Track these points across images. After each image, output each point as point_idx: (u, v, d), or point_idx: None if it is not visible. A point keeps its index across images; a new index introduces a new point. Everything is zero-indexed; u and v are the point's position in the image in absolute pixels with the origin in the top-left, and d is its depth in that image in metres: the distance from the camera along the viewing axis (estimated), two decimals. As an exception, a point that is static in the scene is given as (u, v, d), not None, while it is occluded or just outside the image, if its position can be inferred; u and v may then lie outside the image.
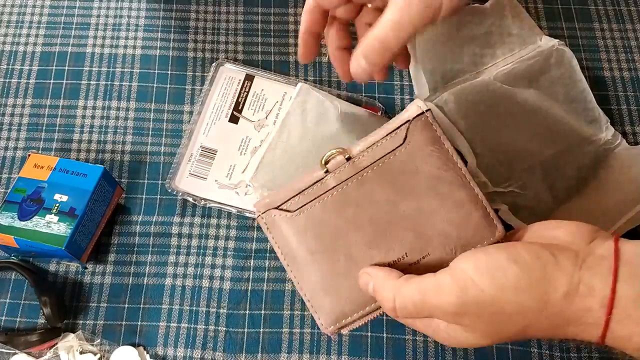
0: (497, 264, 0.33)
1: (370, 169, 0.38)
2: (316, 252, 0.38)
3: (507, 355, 0.53)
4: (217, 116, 0.61)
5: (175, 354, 0.53)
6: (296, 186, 0.39)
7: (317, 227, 0.38)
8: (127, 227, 0.58)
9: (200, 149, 0.59)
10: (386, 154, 0.38)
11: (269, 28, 0.67)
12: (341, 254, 0.38)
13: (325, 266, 0.38)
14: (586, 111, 0.58)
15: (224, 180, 0.58)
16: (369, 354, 0.53)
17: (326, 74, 0.64)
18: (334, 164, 0.39)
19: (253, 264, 0.56)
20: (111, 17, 0.67)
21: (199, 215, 0.58)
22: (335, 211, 0.38)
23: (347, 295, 0.38)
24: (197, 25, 0.67)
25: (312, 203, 0.39)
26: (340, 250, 0.38)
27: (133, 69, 0.65)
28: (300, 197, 0.39)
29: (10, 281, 0.56)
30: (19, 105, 0.63)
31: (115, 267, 0.56)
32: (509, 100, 0.56)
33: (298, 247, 0.39)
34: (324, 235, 0.38)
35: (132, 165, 0.60)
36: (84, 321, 0.54)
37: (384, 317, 0.54)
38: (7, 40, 0.66)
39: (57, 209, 0.53)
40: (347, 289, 0.38)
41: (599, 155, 0.57)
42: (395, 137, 0.39)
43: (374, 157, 0.39)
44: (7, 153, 0.61)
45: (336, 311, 0.38)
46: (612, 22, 0.67)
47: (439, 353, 0.53)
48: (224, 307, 0.55)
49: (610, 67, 0.65)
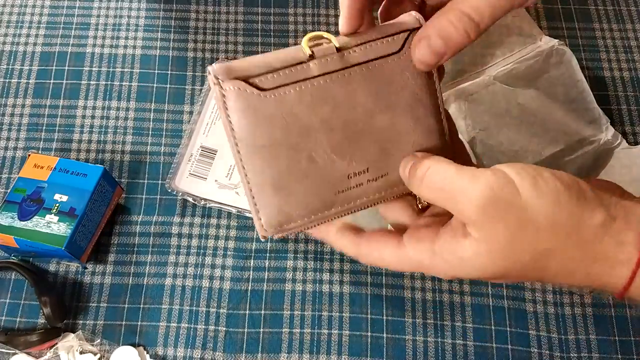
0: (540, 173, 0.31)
1: (359, 69, 0.34)
2: (278, 144, 0.33)
3: (507, 355, 0.53)
4: (217, 116, 0.61)
5: (175, 354, 0.53)
6: (270, 61, 0.33)
7: (287, 116, 0.33)
8: (127, 227, 0.58)
9: (200, 149, 0.59)
10: (379, 57, 0.34)
11: (269, 28, 0.67)
12: (304, 154, 0.33)
13: (283, 162, 0.33)
14: (586, 111, 0.58)
15: (224, 180, 0.58)
16: (369, 354, 0.53)
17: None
18: (321, 50, 0.33)
19: (253, 264, 0.56)
20: (111, 17, 0.67)
21: (199, 215, 0.58)
22: (311, 105, 0.33)
23: (299, 198, 0.34)
24: (197, 25, 0.67)
25: (287, 87, 0.32)
26: (304, 149, 0.33)
27: (133, 69, 0.65)
28: (275, 75, 0.32)
29: (10, 281, 0.56)
30: (19, 105, 0.63)
31: (115, 267, 0.56)
32: (509, 100, 0.56)
33: (258, 135, 0.33)
34: (292, 129, 0.33)
35: (132, 165, 0.60)
36: (84, 321, 0.54)
37: (383, 317, 0.54)
38: (7, 40, 0.66)
39: (57, 209, 0.53)
40: (301, 191, 0.33)
41: (599, 155, 0.57)
42: (392, 43, 0.34)
43: (366, 56, 0.34)
44: (7, 153, 0.61)
45: (282, 213, 0.34)
46: (612, 22, 0.67)
47: (439, 353, 0.53)
48: (224, 307, 0.55)
49: (610, 67, 0.65)
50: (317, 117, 0.33)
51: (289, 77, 0.32)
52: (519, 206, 0.30)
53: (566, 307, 0.54)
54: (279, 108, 0.32)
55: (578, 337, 0.53)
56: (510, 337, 0.53)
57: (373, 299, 0.55)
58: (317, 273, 0.56)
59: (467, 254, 0.31)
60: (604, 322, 0.54)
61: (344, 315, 0.54)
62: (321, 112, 0.33)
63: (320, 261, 0.56)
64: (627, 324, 0.54)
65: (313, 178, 0.34)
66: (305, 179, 0.33)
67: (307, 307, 0.55)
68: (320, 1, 0.68)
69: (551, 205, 0.30)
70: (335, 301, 0.55)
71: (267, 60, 0.33)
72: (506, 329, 0.54)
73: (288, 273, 0.56)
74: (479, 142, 0.54)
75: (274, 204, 0.34)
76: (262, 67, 0.32)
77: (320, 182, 0.34)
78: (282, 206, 0.34)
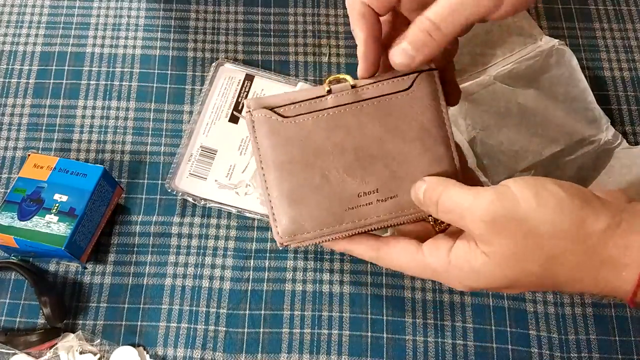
0: (543, 184, 0.32)
1: (370, 103, 0.39)
2: (295, 162, 0.39)
3: (508, 356, 0.53)
4: (217, 116, 0.61)
5: (175, 354, 0.53)
6: (294, 96, 0.39)
7: (304, 139, 0.39)
8: (127, 227, 0.58)
9: (200, 149, 0.59)
10: (389, 93, 0.39)
11: (269, 28, 0.67)
12: (318, 172, 0.39)
13: (299, 178, 0.39)
14: (586, 111, 0.58)
15: (224, 180, 0.58)
16: (369, 354, 0.53)
17: (326, 73, 0.64)
18: (338, 88, 0.39)
19: (253, 264, 0.56)
20: (111, 17, 0.67)
21: (199, 215, 0.58)
22: (325, 130, 0.39)
23: (311, 211, 0.39)
24: (197, 25, 0.67)
25: (306, 115, 0.39)
26: (319, 168, 0.39)
27: (133, 69, 0.65)
28: (296, 106, 0.39)
29: (10, 281, 0.56)
30: (19, 105, 0.63)
31: (115, 267, 0.56)
32: (509, 100, 0.56)
33: (279, 153, 0.39)
34: (308, 149, 0.39)
35: (132, 165, 0.60)
36: (83, 321, 0.54)
37: (383, 317, 0.54)
38: (7, 40, 0.66)
39: (57, 209, 0.53)
40: (314, 205, 0.39)
41: (599, 155, 0.57)
42: (402, 82, 0.39)
43: (377, 92, 0.39)
44: (7, 153, 0.61)
45: (296, 223, 0.39)
46: (612, 22, 0.67)
47: (439, 353, 0.53)
48: (224, 307, 0.55)
49: (611, 67, 0.65)
50: (331, 140, 0.39)
51: (308, 108, 0.39)
52: (520, 218, 0.31)
53: (566, 307, 0.54)
54: (297, 132, 0.39)
55: (578, 337, 0.53)
56: (510, 337, 0.53)
57: (373, 299, 0.55)
58: (317, 273, 0.56)
59: (479, 265, 0.33)
60: (604, 322, 0.54)
61: (344, 316, 0.54)
62: (334, 136, 0.39)
63: (320, 261, 0.56)
64: (627, 324, 0.54)
65: (325, 193, 0.39)
66: (318, 194, 0.39)
67: (307, 307, 0.55)
68: (320, 1, 0.68)
69: (553, 214, 0.31)
70: (336, 301, 0.55)
71: (292, 96, 0.39)
72: (506, 329, 0.54)
73: (288, 273, 0.56)
74: (479, 142, 0.54)
75: (288, 214, 0.39)
76: (286, 100, 0.39)
77: (331, 198, 0.39)
78: (295, 216, 0.39)
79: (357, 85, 0.39)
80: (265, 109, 0.39)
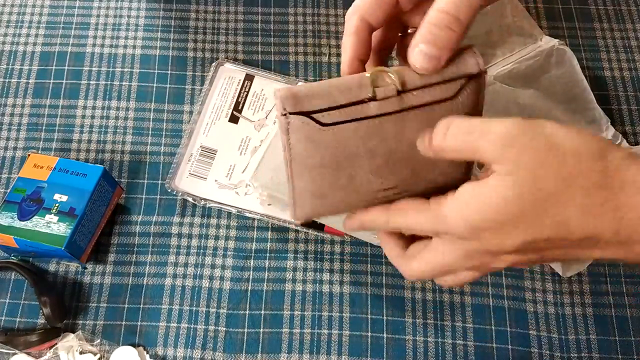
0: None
1: (413, 111, 0.37)
2: (326, 167, 0.38)
3: (508, 356, 0.53)
4: (217, 116, 0.61)
5: (175, 354, 0.53)
6: (334, 96, 0.36)
7: (339, 145, 0.37)
8: (127, 227, 0.58)
9: (200, 149, 0.59)
10: (433, 102, 0.37)
11: (269, 28, 0.67)
12: (345, 173, 0.38)
13: (327, 180, 0.38)
14: (586, 111, 0.58)
15: (224, 180, 0.58)
16: (369, 354, 0.53)
17: (326, 73, 0.64)
18: (383, 92, 0.36)
19: (253, 264, 0.56)
20: (111, 17, 0.67)
21: (199, 215, 0.58)
22: (363, 137, 0.37)
23: (332, 202, 0.39)
24: (197, 25, 0.67)
25: (346, 124, 0.36)
26: (347, 169, 0.38)
27: (133, 69, 0.65)
28: (338, 112, 0.36)
29: (10, 281, 0.56)
30: (19, 105, 0.63)
31: (115, 267, 0.56)
32: (509, 100, 0.56)
33: (311, 157, 0.37)
34: (340, 155, 0.37)
35: (132, 165, 0.60)
36: (83, 321, 0.54)
37: (383, 317, 0.54)
38: (7, 40, 0.66)
39: (57, 209, 0.53)
40: (335, 199, 0.39)
41: (599, 155, 0.57)
42: (449, 88, 0.37)
43: (422, 100, 0.37)
44: (7, 153, 0.61)
45: (315, 211, 0.40)
46: (612, 22, 0.67)
47: (439, 353, 0.53)
48: (224, 307, 0.55)
49: (611, 67, 0.65)
50: (365, 146, 0.37)
51: (348, 114, 0.36)
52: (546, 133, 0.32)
53: (566, 307, 0.54)
54: (333, 140, 0.37)
55: (578, 337, 0.53)
56: (510, 337, 0.53)
57: (373, 299, 0.55)
58: (317, 273, 0.56)
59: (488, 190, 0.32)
60: (604, 322, 0.54)
61: (344, 316, 0.54)
62: (370, 143, 0.37)
63: (320, 261, 0.56)
64: (627, 324, 0.54)
65: (348, 191, 0.39)
66: (341, 192, 0.39)
67: (307, 307, 0.55)
68: (320, 1, 0.68)
69: (577, 135, 0.32)
70: (336, 301, 0.55)
71: (332, 92, 0.36)
72: (506, 329, 0.54)
73: (288, 273, 0.56)
74: (479, 142, 0.54)
75: (309, 205, 0.39)
76: (325, 100, 0.36)
77: (352, 194, 0.39)
78: (316, 207, 0.39)
79: (404, 88, 0.36)
80: (303, 115, 0.36)
